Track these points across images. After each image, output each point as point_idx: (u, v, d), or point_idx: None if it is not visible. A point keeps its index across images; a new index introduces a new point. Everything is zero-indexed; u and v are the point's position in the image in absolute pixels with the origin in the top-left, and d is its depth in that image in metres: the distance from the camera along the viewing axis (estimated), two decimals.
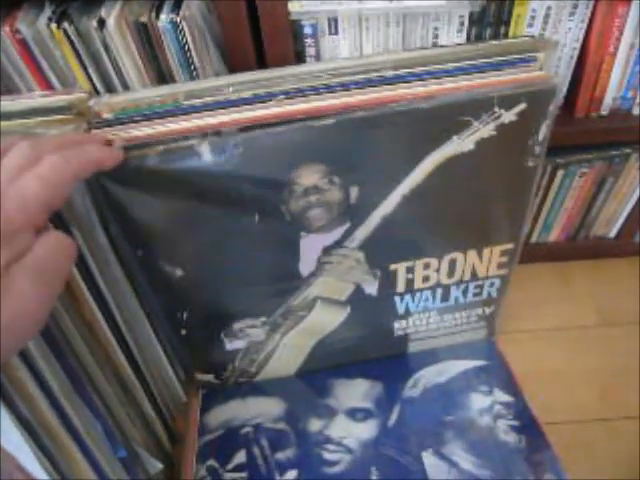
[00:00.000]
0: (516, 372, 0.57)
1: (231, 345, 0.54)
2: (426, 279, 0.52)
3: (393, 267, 0.50)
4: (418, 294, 0.53)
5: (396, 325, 0.56)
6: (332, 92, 0.41)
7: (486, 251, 0.51)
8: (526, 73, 0.41)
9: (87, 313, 0.44)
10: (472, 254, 0.51)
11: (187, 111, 0.41)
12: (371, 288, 0.52)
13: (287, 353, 0.56)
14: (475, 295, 0.55)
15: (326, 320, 0.54)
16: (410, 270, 0.51)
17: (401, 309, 0.54)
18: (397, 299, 0.53)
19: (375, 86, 0.41)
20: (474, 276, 0.53)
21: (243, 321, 0.52)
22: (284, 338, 0.54)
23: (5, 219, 0.27)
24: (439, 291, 0.54)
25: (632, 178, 0.80)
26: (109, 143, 0.38)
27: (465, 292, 0.54)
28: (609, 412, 0.70)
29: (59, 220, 0.39)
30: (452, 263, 0.51)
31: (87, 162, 0.33)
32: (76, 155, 0.32)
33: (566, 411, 0.70)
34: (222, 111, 0.41)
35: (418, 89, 0.40)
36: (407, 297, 0.53)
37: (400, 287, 0.52)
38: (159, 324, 0.54)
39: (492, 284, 0.54)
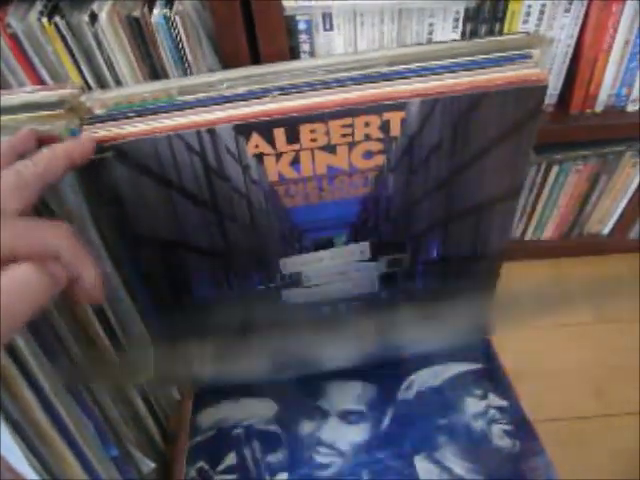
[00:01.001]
0: (512, 369, 0.56)
1: None
2: None
3: None
4: None
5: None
6: (327, 88, 0.40)
7: None
8: (521, 70, 0.41)
9: (79, 311, 0.43)
10: None
11: (181, 107, 0.40)
12: None
13: None
14: None
15: None
16: None
17: None
18: None
19: (370, 82, 0.40)
20: None
21: None
22: None
23: None
24: None
25: (626, 175, 0.80)
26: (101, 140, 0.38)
27: None
28: (606, 408, 0.70)
29: (50, 217, 0.38)
30: None
31: (54, 161, 0.31)
32: (42, 157, 0.30)
33: (562, 408, 0.70)
34: (216, 107, 0.40)
35: (415, 85, 0.40)
36: None
37: None
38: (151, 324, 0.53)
39: None
